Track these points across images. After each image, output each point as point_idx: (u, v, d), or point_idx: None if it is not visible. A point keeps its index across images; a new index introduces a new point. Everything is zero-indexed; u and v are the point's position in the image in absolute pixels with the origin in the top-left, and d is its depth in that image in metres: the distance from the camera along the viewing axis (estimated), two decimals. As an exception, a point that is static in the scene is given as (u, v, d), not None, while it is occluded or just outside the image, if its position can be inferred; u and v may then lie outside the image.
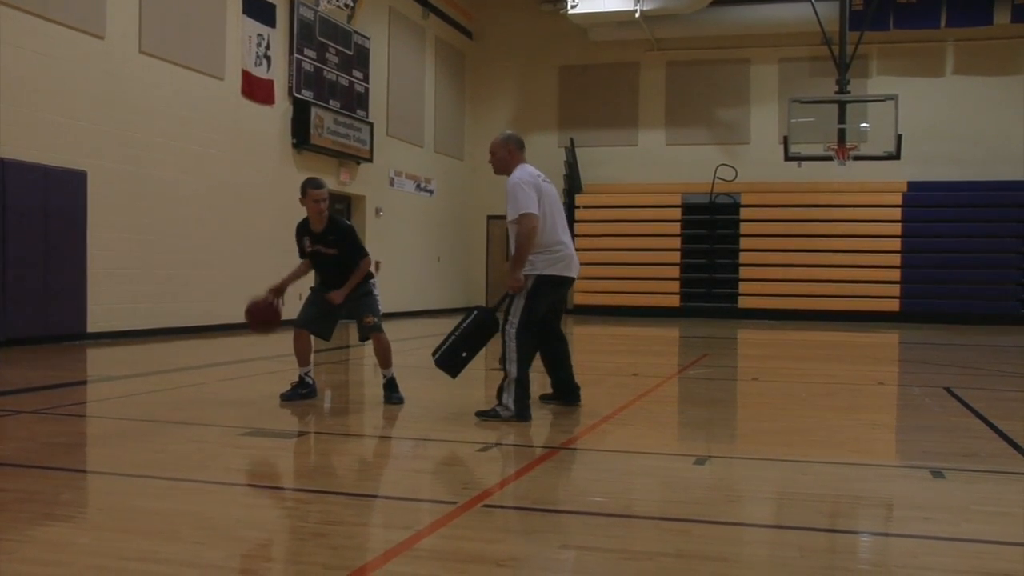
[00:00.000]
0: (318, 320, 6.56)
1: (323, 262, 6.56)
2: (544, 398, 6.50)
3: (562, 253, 5.98)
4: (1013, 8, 19.19)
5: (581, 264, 6.26)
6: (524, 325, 5.86)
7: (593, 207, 21.46)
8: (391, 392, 6.50)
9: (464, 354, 6.06)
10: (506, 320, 5.91)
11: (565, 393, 6.42)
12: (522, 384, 5.80)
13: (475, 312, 6.13)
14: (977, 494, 4.11)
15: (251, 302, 6.54)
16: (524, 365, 5.82)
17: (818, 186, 20.35)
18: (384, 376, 6.56)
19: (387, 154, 18.61)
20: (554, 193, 6.16)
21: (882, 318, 19.56)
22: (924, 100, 20.14)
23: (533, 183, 5.90)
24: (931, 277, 19.81)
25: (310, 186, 6.43)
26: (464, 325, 6.07)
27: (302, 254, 6.64)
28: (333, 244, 6.46)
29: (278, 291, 6.52)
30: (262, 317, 6.49)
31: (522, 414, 5.78)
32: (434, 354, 6.14)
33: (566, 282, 6.10)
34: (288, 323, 6.66)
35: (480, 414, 5.89)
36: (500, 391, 5.83)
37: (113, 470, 4.45)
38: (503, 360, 5.94)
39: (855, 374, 9.69)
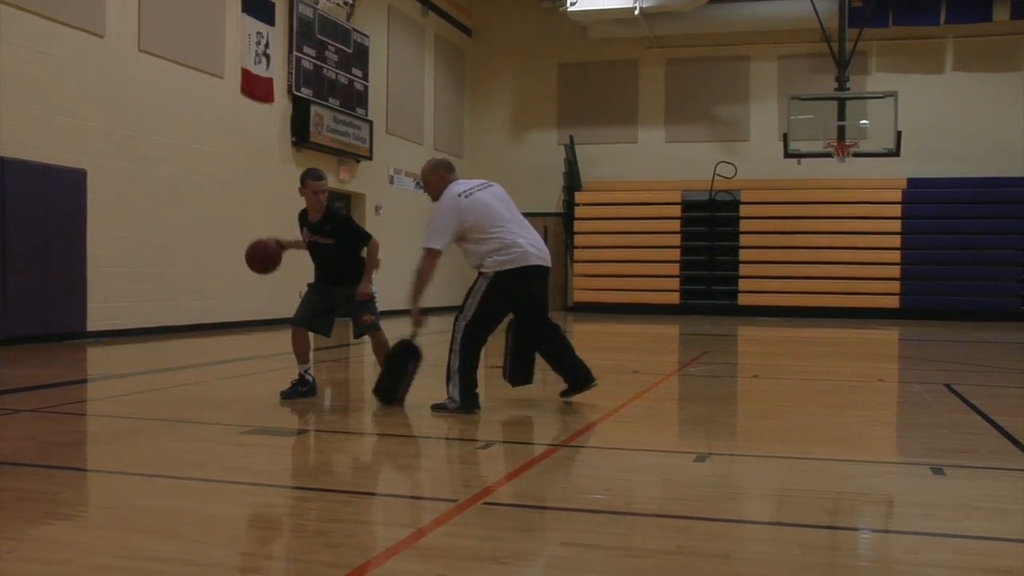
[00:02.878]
0: (316, 317, 6.56)
1: (321, 253, 6.58)
2: (563, 394, 6.29)
3: (516, 251, 5.84)
4: (1012, 4, 19.18)
5: (581, 261, 6.25)
6: (473, 320, 5.88)
7: (593, 204, 21.42)
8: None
9: (386, 382, 6.15)
10: (460, 311, 5.93)
11: (577, 379, 6.22)
12: (465, 376, 5.83)
13: (399, 342, 6.19)
14: (977, 491, 4.11)
15: (256, 243, 6.59)
16: (466, 358, 5.84)
17: (818, 183, 20.33)
18: (384, 374, 6.56)
19: (387, 152, 18.60)
20: (500, 194, 6.08)
21: (882, 315, 19.56)
22: (924, 97, 20.12)
23: (453, 207, 5.86)
24: (931, 274, 19.80)
25: (310, 177, 6.46)
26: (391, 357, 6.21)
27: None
28: (330, 234, 6.48)
29: (282, 245, 6.64)
30: (264, 261, 6.54)
31: (468, 405, 5.83)
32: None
33: (530, 272, 5.90)
34: (286, 321, 6.65)
35: (434, 407, 5.94)
36: (447, 382, 5.89)
37: (113, 468, 4.45)
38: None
39: (855, 371, 9.68)
